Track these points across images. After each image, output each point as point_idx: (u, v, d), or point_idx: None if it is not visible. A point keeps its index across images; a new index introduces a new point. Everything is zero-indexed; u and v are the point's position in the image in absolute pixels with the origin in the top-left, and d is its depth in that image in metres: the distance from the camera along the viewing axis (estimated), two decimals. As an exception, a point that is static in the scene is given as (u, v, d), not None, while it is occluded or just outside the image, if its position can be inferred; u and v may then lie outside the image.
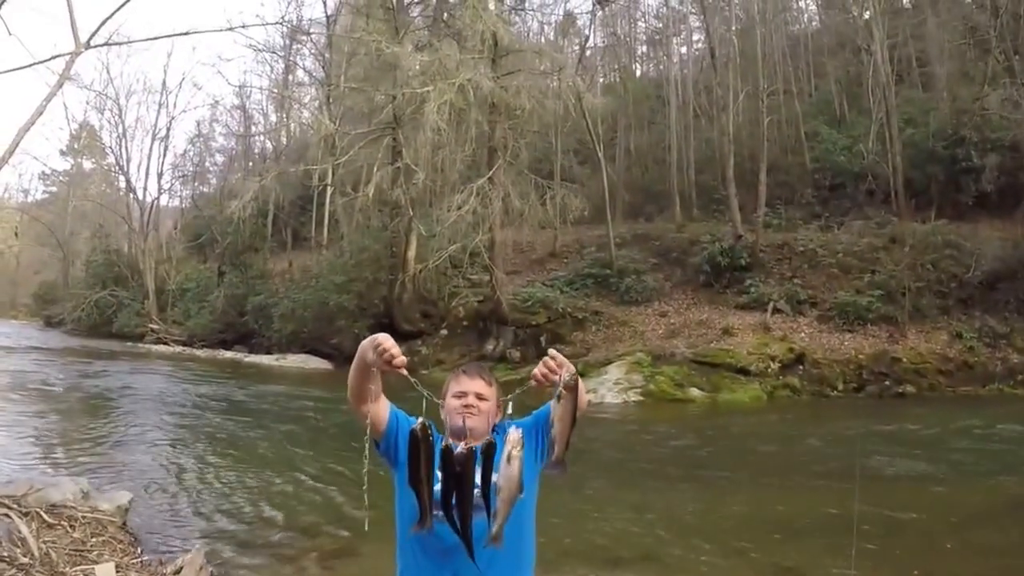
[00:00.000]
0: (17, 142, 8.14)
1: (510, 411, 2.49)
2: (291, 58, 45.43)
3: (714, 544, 6.96)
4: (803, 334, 21.40)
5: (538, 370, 2.39)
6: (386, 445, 2.56)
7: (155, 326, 38.88)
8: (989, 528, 7.48)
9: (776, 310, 22.34)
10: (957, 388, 19.23)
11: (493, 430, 2.52)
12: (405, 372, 2.31)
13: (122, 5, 8.79)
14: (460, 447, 2.24)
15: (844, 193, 27.82)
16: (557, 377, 2.33)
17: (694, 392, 18.89)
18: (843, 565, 4.86)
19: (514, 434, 2.29)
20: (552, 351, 2.43)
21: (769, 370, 19.83)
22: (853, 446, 11.41)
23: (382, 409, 2.55)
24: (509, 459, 2.24)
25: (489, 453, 2.29)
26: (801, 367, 20.11)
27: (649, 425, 15.13)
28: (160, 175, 49.52)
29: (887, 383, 19.48)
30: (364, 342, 2.36)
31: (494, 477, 2.29)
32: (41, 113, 8.24)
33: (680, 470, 10.73)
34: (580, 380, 2.43)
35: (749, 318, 22.31)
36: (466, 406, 2.56)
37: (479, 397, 2.60)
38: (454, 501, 2.26)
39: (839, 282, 22.90)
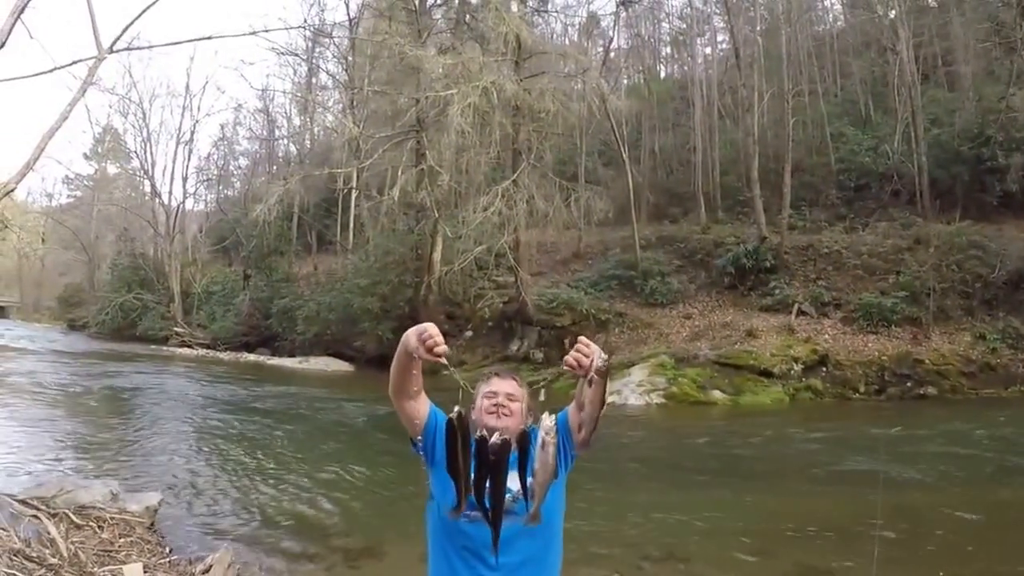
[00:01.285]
0: (42, 148, 8.18)
1: (542, 397, 2.53)
2: (314, 61, 45.71)
3: (737, 544, 6.98)
4: (827, 336, 21.28)
5: (571, 356, 2.37)
6: (424, 443, 2.56)
7: (179, 329, 39.25)
8: (1012, 531, 7.46)
9: (800, 312, 22.23)
10: (979, 390, 19.00)
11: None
12: (444, 360, 2.30)
13: (145, 10, 8.88)
14: (495, 437, 2.32)
15: (869, 194, 27.71)
16: (589, 362, 2.33)
17: (716, 394, 18.85)
18: (865, 564, 4.85)
19: (548, 421, 2.33)
20: (583, 338, 2.41)
21: (792, 372, 19.72)
22: (874, 449, 11.34)
23: (422, 406, 2.56)
24: (544, 445, 2.30)
25: (523, 442, 2.35)
26: (824, 369, 19.98)
27: (671, 427, 15.18)
28: (185, 179, 50.11)
29: (909, 385, 19.34)
30: (409, 330, 2.36)
31: (530, 464, 2.35)
32: (66, 118, 8.31)
33: (702, 472, 10.74)
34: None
35: (773, 320, 22.23)
36: (496, 405, 2.57)
37: (510, 398, 2.60)
38: (487, 489, 2.31)
39: (864, 283, 22.76)
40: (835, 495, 8.86)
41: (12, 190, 8.49)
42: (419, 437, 2.57)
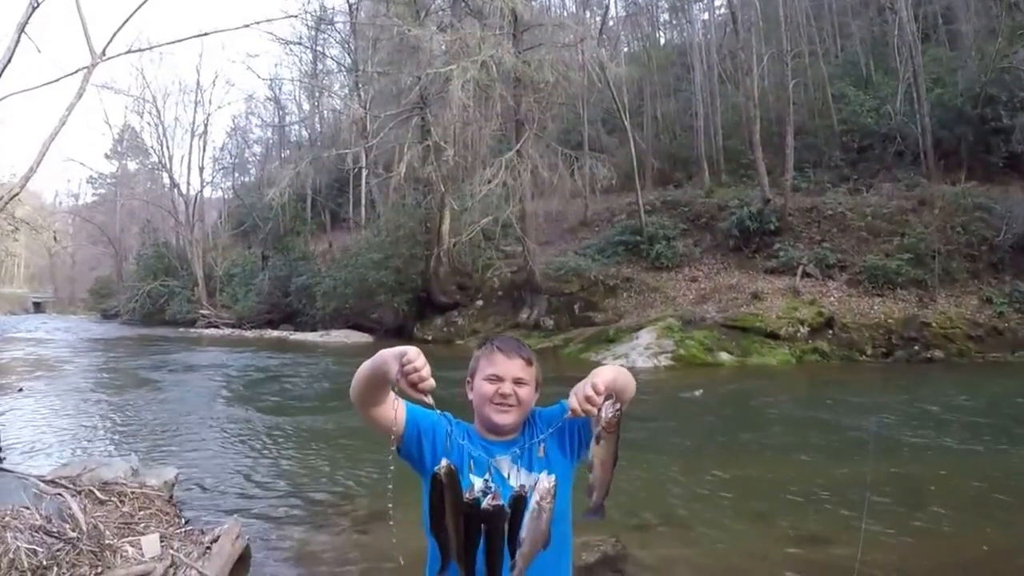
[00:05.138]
0: (43, 153, 8.39)
1: (541, 454, 2.14)
2: (318, 48, 46.50)
3: (736, 509, 6.99)
4: (832, 298, 21.44)
5: (575, 400, 1.92)
6: (407, 451, 2.16)
7: (205, 311, 40.46)
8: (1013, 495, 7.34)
9: (805, 274, 22.39)
10: (986, 354, 18.94)
11: (526, 423, 2.22)
12: (430, 400, 1.91)
13: (132, 14, 9.15)
14: (487, 502, 1.89)
15: (872, 155, 27.63)
16: (596, 410, 1.91)
17: (724, 356, 19.08)
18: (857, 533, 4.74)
19: (545, 483, 1.90)
20: (599, 380, 1.91)
21: (798, 334, 19.92)
22: (876, 413, 11.45)
23: (395, 409, 2.13)
24: (539, 512, 1.89)
25: (518, 507, 1.92)
26: (830, 331, 20.12)
27: (677, 389, 15.05)
28: (201, 169, 51.34)
29: (916, 348, 19.31)
30: (387, 352, 1.95)
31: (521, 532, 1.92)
32: (64, 124, 8.47)
33: (705, 435, 10.89)
34: (627, 378, 2.10)
35: (778, 282, 22.44)
36: (503, 395, 2.14)
37: (517, 382, 2.16)
38: (481, 557, 1.93)
39: (868, 245, 22.80)
40: (838, 458, 8.74)
41: (17, 195, 8.65)
42: (398, 444, 2.17)
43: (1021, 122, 23.37)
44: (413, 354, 1.86)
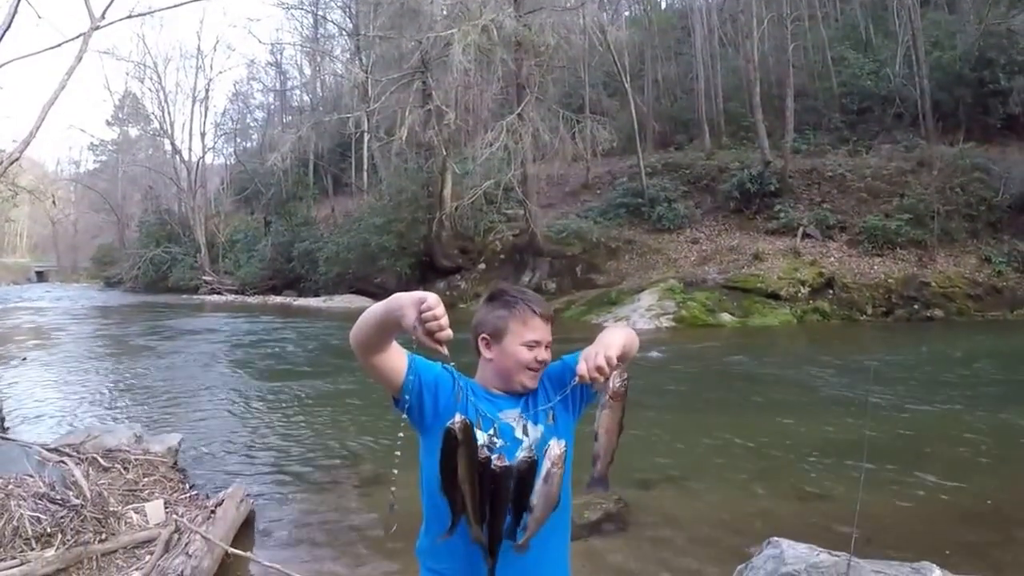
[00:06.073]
0: (42, 118, 8.34)
1: (551, 421, 2.08)
2: (319, 12, 46.25)
3: (735, 466, 7.04)
4: (833, 258, 21.62)
5: (583, 366, 1.87)
6: (408, 401, 2.00)
7: (208, 277, 40.53)
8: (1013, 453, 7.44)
9: (806, 235, 22.55)
10: (985, 312, 19.20)
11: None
12: (446, 351, 1.78)
13: None
14: (495, 462, 1.79)
15: (872, 117, 27.75)
16: (603, 380, 1.86)
17: (725, 317, 19.23)
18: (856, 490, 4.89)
19: (555, 448, 1.85)
20: (611, 354, 1.86)
21: (799, 294, 20.12)
22: (873, 372, 11.57)
23: (396, 357, 1.99)
24: (548, 477, 1.85)
25: (524, 470, 1.84)
26: (831, 291, 20.32)
27: (678, 350, 15.12)
28: (203, 135, 51.07)
29: (916, 307, 19.56)
30: (403, 296, 1.79)
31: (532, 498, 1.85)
32: (63, 88, 8.38)
33: (705, 394, 10.99)
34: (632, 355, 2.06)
35: (779, 243, 22.60)
36: (540, 362, 2.08)
37: (547, 348, 2.11)
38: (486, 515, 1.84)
39: (868, 206, 22.93)
40: (833, 418, 8.74)
41: (17, 159, 8.63)
42: (396, 395, 2.03)
43: (1018, 84, 23.54)
44: (433, 300, 1.72)
